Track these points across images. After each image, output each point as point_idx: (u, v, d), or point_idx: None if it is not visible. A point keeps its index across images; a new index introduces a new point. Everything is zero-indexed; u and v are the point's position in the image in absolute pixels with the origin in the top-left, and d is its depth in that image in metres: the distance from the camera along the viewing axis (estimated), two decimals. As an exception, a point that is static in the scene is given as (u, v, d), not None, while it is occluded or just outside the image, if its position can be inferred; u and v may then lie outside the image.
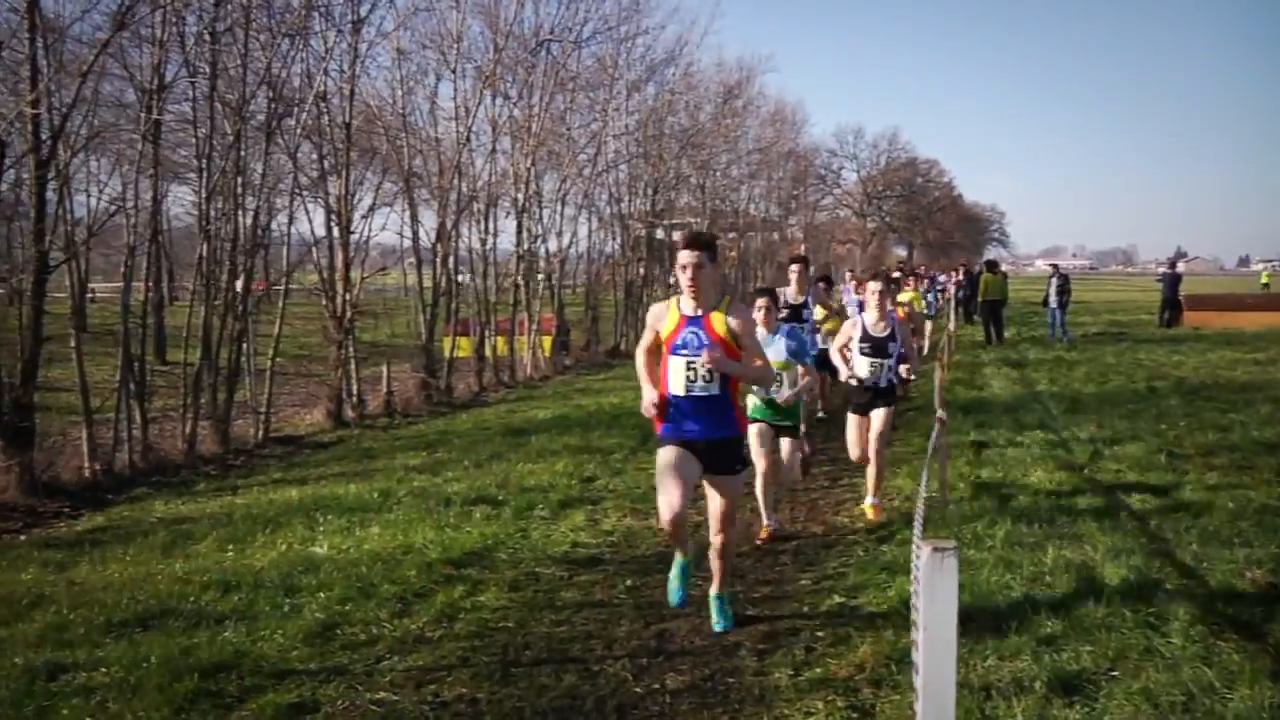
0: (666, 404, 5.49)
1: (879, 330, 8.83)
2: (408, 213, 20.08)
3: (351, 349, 17.58)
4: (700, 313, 5.45)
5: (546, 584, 6.82)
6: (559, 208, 26.86)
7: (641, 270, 30.91)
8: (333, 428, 16.03)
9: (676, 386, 5.44)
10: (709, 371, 5.37)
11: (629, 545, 7.83)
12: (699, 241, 5.41)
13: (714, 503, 5.70)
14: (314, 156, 17.13)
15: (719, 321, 5.44)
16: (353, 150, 17.45)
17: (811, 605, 6.30)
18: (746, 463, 5.92)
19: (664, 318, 5.55)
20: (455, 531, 8.05)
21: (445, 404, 18.74)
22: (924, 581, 3.07)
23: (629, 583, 6.86)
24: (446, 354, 20.64)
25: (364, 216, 18.50)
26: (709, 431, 5.46)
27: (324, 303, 17.55)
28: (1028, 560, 6.72)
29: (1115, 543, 7.06)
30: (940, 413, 8.16)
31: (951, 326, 23.92)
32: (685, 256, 5.36)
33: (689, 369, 5.40)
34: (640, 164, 30.68)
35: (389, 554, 7.36)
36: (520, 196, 23.86)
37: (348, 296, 17.34)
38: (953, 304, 30.23)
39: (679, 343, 5.44)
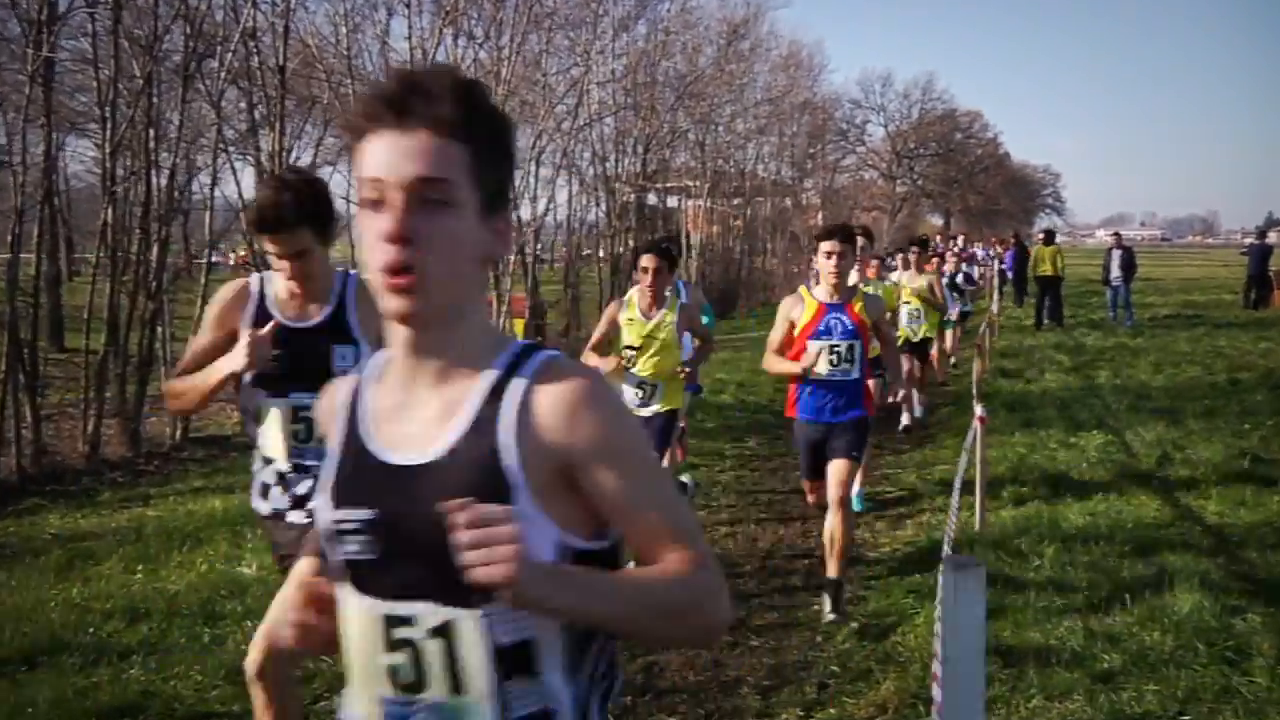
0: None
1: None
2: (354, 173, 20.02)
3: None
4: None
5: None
6: (533, 168, 26.77)
7: (631, 242, 30.87)
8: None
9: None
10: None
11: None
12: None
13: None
14: (242, 105, 17.05)
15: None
16: (288, 98, 17.34)
17: (826, 635, 6.28)
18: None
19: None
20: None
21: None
22: (945, 605, 3.05)
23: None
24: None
25: (302, 177, 18.42)
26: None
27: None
28: (1082, 583, 6.72)
29: (1187, 563, 7.07)
30: (979, 409, 8.15)
31: (994, 308, 23.94)
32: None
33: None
34: (629, 117, 30.60)
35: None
36: (488, 154, 23.78)
37: (283, 271, 17.27)
38: (997, 282, 30.26)
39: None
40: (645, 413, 7.35)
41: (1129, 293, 26.39)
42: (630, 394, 7.38)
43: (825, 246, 6.58)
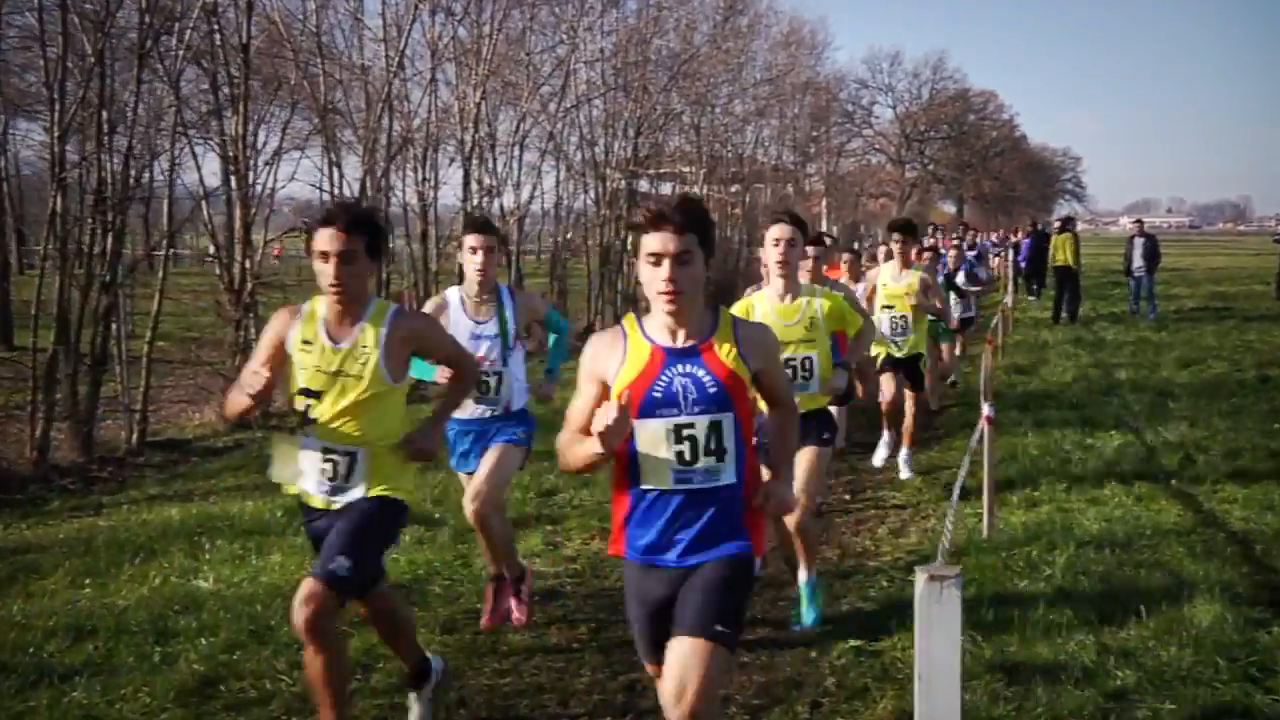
0: None
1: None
2: (325, 159, 19.94)
3: (253, 330, 17.44)
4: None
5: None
6: (517, 153, 26.78)
7: (623, 233, 30.83)
8: (228, 430, 15.91)
9: None
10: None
11: (595, 575, 7.78)
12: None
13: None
14: (203, 86, 17.00)
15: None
16: (253, 79, 17.30)
17: (820, 650, 6.25)
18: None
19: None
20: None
21: (373, 399, 18.64)
22: (920, 619, 3.01)
23: (593, 622, 6.81)
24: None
25: (268, 163, 18.40)
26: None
27: (218, 272, 17.42)
28: (1096, 594, 6.69)
29: (1209, 573, 7.04)
30: (987, 409, 8.12)
31: (1008, 300, 23.93)
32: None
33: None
34: (619, 99, 30.57)
35: (293, 588, 7.22)
36: (468, 139, 23.74)
37: (248, 264, 17.21)
38: (1011, 272, 30.25)
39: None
40: None
41: (1152, 284, 26.38)
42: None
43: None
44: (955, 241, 23.28)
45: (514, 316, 6.83)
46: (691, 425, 3.77)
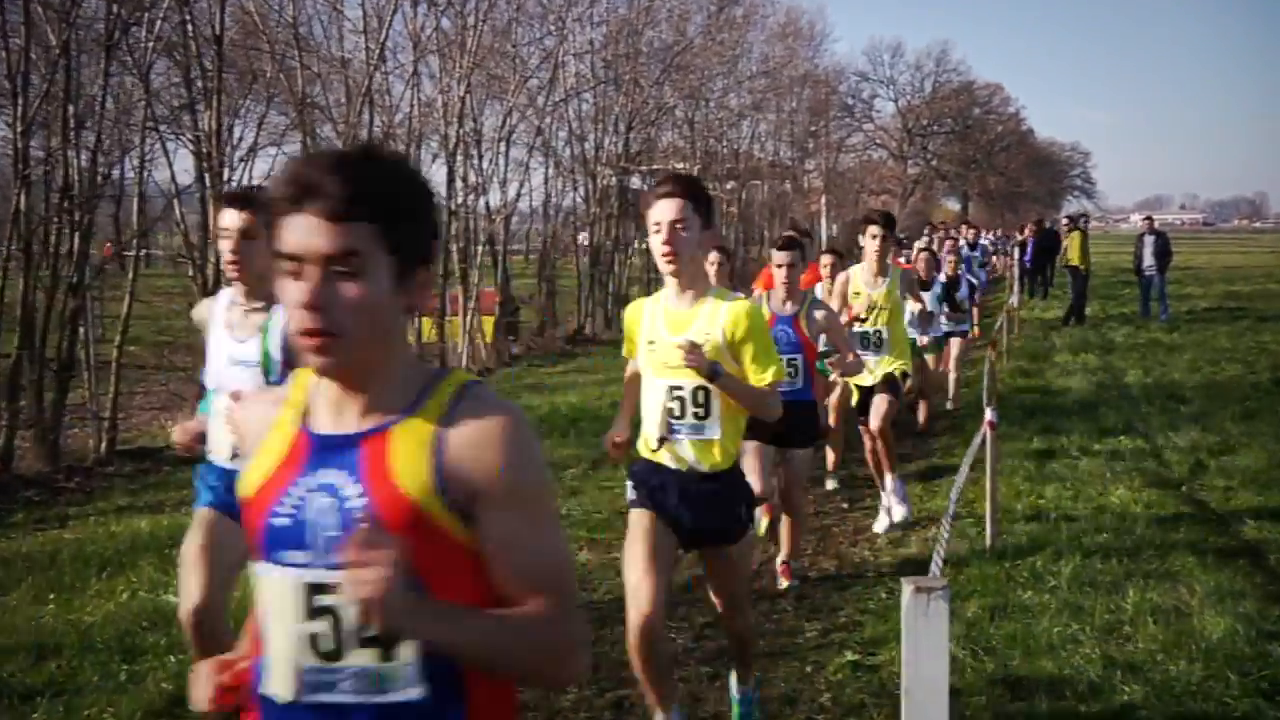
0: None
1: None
2: (303, 155, 19.93)
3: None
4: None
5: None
6: (503, 149, 26.75)
7: (613, 231, 30.85)
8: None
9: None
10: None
11: (584, 587, 7.75)
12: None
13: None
14: (175, 79, 16.96)
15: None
16: (227, 72, 17.28)
17: (816, 664, 6.24)
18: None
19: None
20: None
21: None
22: (906, 633, 2.99)
23: (580, 638, 6.77)
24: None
25: (244, 159, 18.38)
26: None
27: (191, 273, 17.37)
28: (1102, 606, 6.69)
29: (1221, 583, 7.04)
30: (989, 413, 8.11)
31: (1014, 300, 23.95)
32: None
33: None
34: (610, 92, 30.57)
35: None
36: (452, 134, 23.72)
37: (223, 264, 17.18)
38: (1017, 271, 30.28)
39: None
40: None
41: (1164, 283, 26.39)
42: None
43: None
44: (953, 237, 23.08)
45: (282, 340, 4.70)
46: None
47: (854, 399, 9.43)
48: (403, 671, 2.11)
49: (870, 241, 8.93)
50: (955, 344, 15.23)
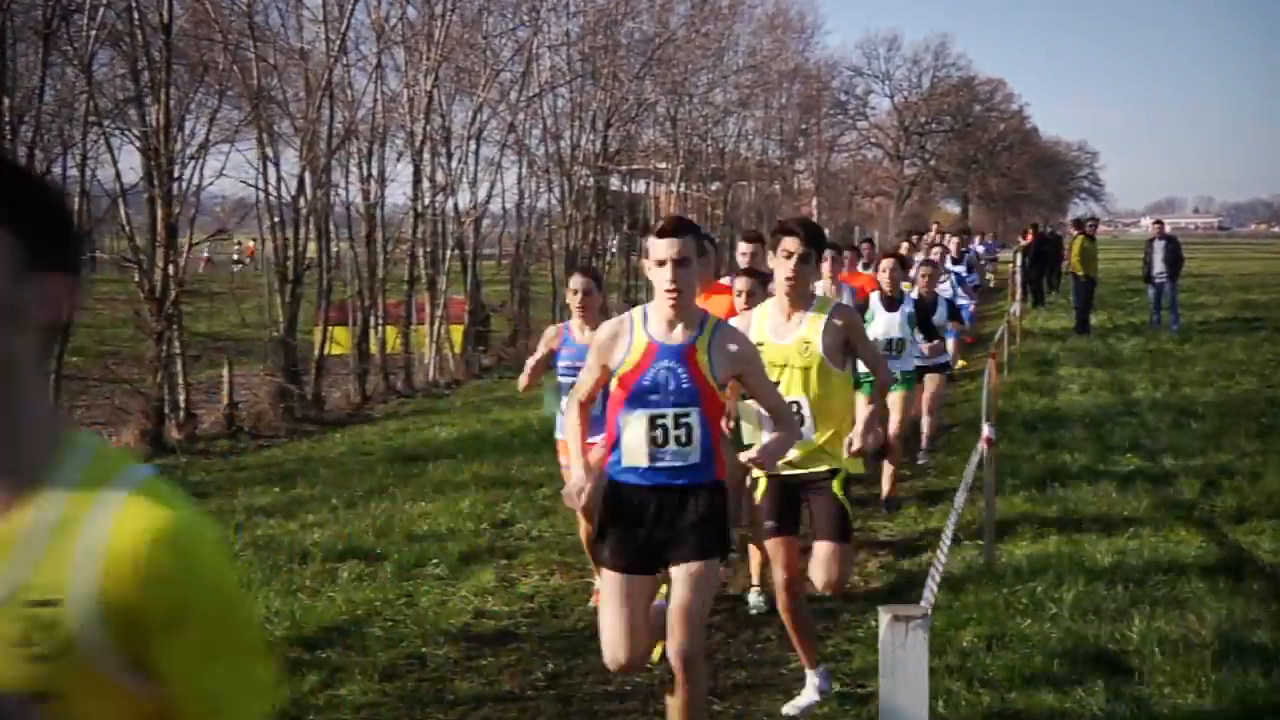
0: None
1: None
2: (259, 152, 19.85)
3: (178, 344, 17.34)
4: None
5: (436, 670, 6.76)
6: (473, 147, 26.71)
7: (591, 235, 30.85)
8: (150, 454, 15.81)
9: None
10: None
11: (555, 614, 7.77)
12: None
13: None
14: (120, 71, 16.89)
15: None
16: (176, 63, 17.22)
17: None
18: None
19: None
20: (312, 598, 7.99)
21: (311, 420, 18.56)
22: (884, 665, 3.01)
23: (551, 667, 6.81)
24: (315, 351, 20.42)
25: (194, 157, 18.24)
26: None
27: (137, 279, 17.30)
28: (1106, 635, 6.70)
29: (1233, 611, 7.07)
30: (987, 429, 8.13)
31: (1015, 309, 24.02)
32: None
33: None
34: (587, 87, 30.58)
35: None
36: (418, 131, 23.69)
37: (172, 270, 17.10)
38: (1019, 279, 30.38)
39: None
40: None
41: (1175, 291, 26.46)
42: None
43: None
44: (932, 249, 22.49)
45: None
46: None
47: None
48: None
49: (782, 263, 6.02)
50: (930, 382, 12.67)
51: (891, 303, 11.08)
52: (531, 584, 8.48)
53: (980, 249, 35.80)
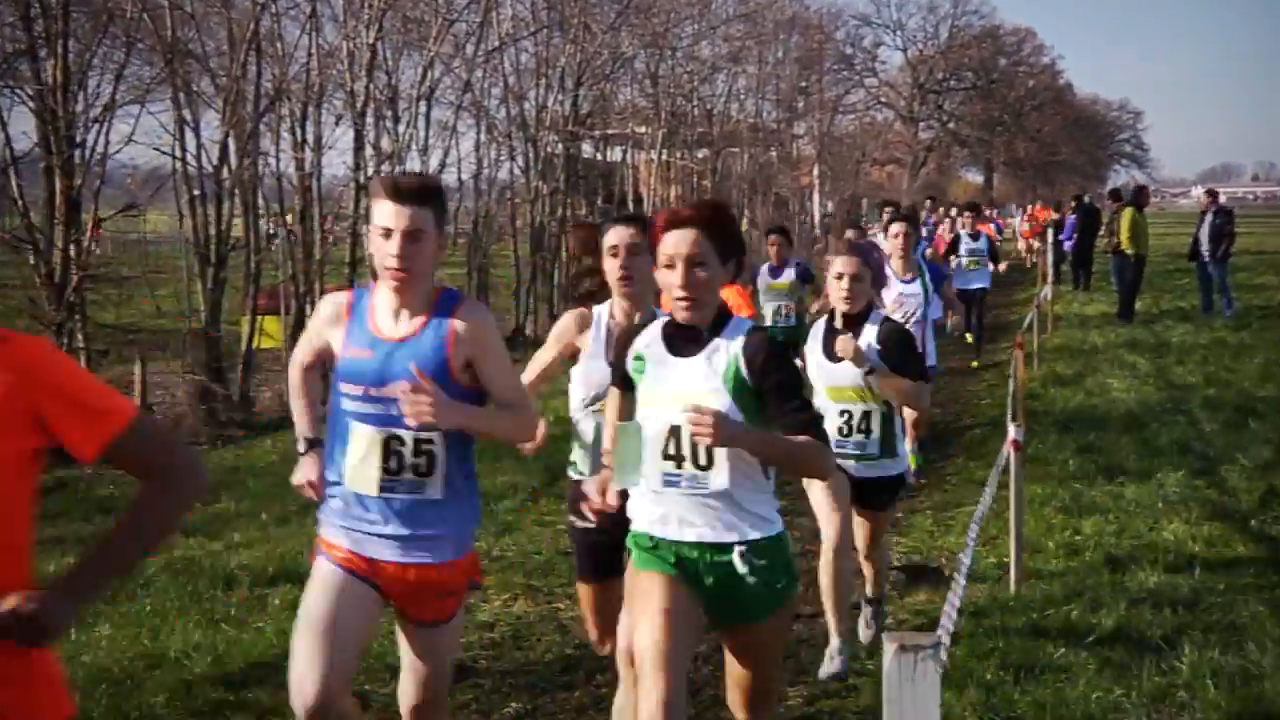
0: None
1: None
2: (175, 115, 19.79)
3: (81, 337, 17.29)
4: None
5: (380, 710, 6.74)
6: (423, 109, 26.68)
7: (560, 209, 30.83)
8: (47, 464, 15.77)
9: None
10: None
11: (518, 646, 7.76)
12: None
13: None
14: (9, 19, 16.77)
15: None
16: (76, 10, 17.13)
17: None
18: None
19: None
20: (237, 629, 7.97)
21: (238, 424, 18.55)
22: (887, 703, 3.03)
23: (514, 706, 6.82)
24: (242, 344, 20.37)
25: (98, 120, 18.19)
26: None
27: (32, 261, 17.24)
28: (1151, 666, 6.70)
29: (1296, 639, 7.07)
30: (1013, 431, 8.11)
31: (1046, 293, 24.04)
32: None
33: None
34: (555, 40, 30.56)
35: (125, 670, 7.24)
36: (360, 90, 23.64)
37: (73, 251, 17.04)
38: (1051, 258, 30.45)
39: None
40: None
41: (1225, 271, 26.36)
42: None
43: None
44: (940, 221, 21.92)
45: None
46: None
47: None
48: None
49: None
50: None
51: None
52: (491, 611, 8.44)
53: (992, 226, 35.10)
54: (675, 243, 4.57)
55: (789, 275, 13.30)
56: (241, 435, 17.73)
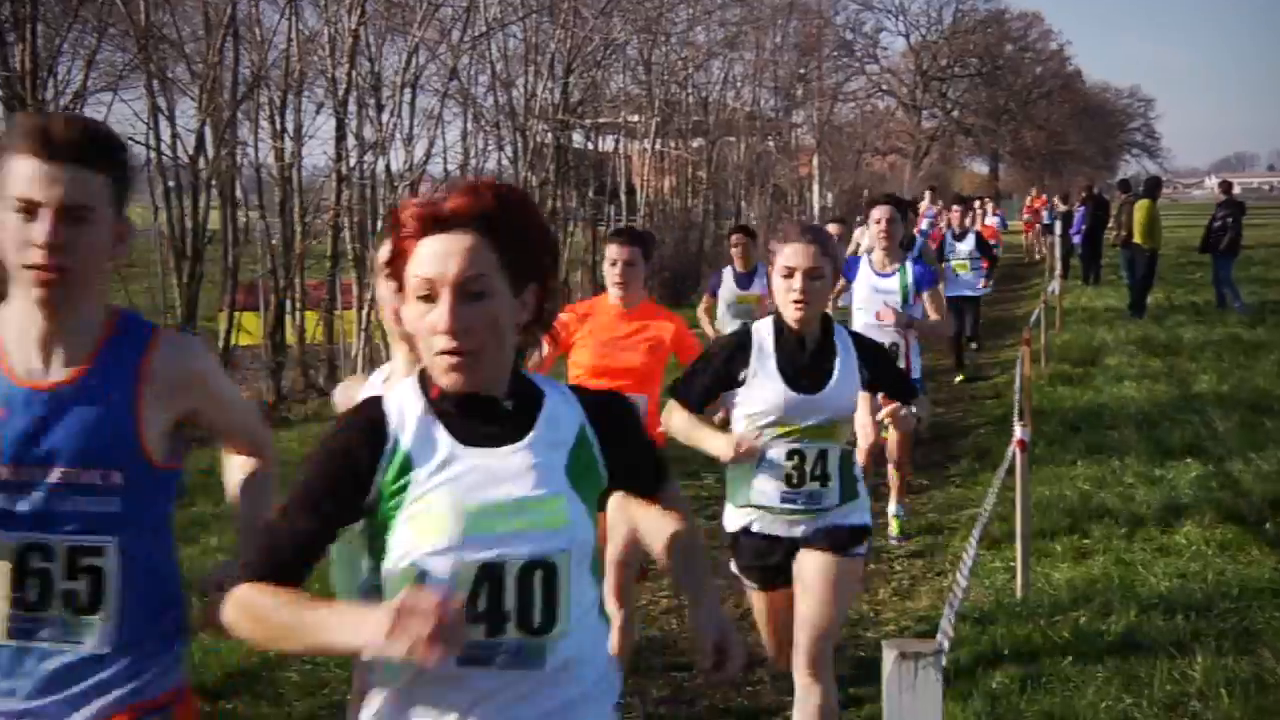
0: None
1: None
2: (148, 103, 19.75)
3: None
4: None
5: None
6: (408, 97, 26.62)
7: (550, 201, 30.79)
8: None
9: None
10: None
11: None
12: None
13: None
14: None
15: None
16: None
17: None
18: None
19: None
20: (214, 638, 7.90)
21: (214, 425, 18.51)
22: (889, 712, 3.02)
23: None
24: (219, 342, 20.35)
25: (69, 108, 18.13)
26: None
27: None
28: (1163, 674, 6.69)
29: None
30: (1019, 430, 8.11)
31: (1054, 287, 24.05)
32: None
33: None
34: (544, 25, 30.51)
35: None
36: (342, 78, 23.60)
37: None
38: (1059, 251, 30.47)
39: None
40: None
41: (1227, 266, 26.28)
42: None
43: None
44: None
45: None
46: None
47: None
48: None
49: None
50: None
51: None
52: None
53: (994, 220, 34.14)
54: None
55: (760, 285, 12.02)
56: (218, 436, 17.73)
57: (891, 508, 10.27)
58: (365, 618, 2.62)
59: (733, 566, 5.87)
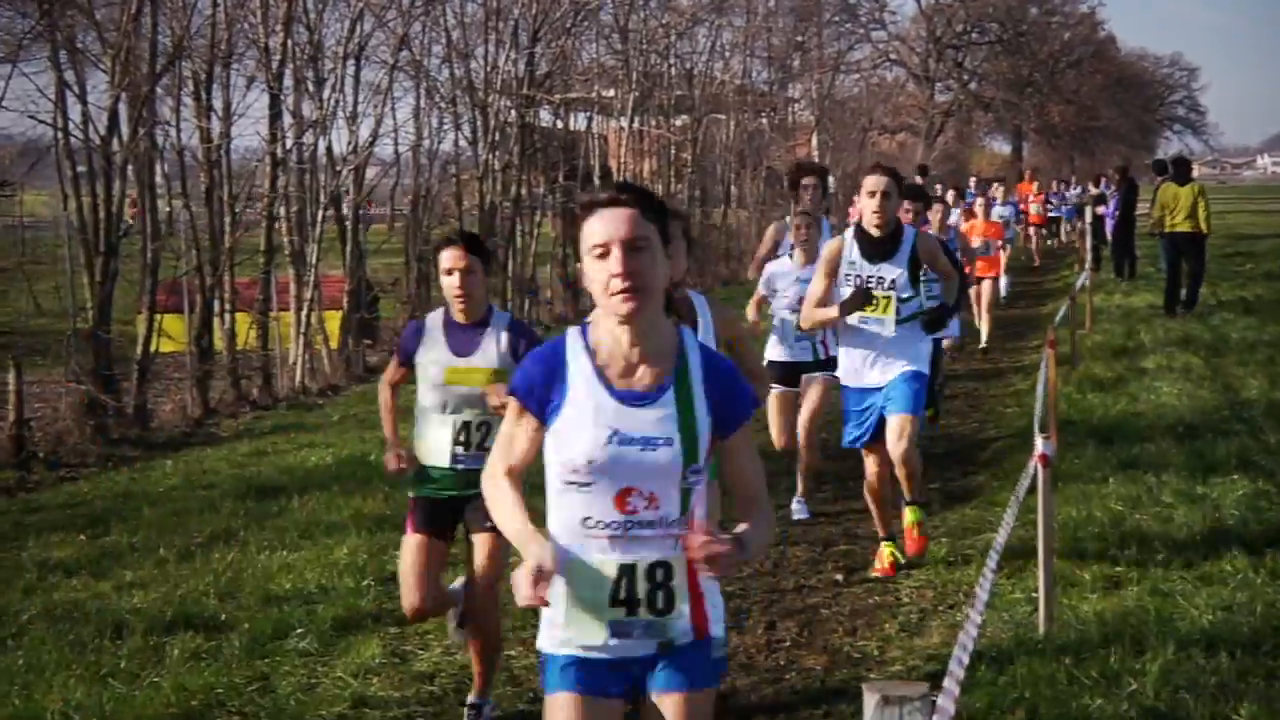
0: None
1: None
2: (54, 77, 19.75)
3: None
4: None
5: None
6: (352, 70, 26.67)
7: (514, 187, 30.84)
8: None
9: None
10: None
11: (461, 700, 7.72)
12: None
13: None
14: None
15: None
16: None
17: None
18: None
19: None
20: (128, 685, 7.98)
21: (132, 442, 18.50)
22: None
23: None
24: (138, 348, 20.33)
25: (-34, 82, 18.16)
26: None
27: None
28: (1204, 718, 6.70)
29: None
30: (1041, 444, 8.12)
31: (1083, 280, 24.09)
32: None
33: None
34: (507, -13, 30.60)
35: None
36: (276, 47, 23.63)
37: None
38: (1087, 237, 30.55)
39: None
40: None
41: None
42: None
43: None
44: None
45: None
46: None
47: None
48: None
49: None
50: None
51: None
52: (430, 660, 8.46)
53: (1008, 211, 33.55)
54: None
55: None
56: (136, 455, 17.66)
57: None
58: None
59: None
